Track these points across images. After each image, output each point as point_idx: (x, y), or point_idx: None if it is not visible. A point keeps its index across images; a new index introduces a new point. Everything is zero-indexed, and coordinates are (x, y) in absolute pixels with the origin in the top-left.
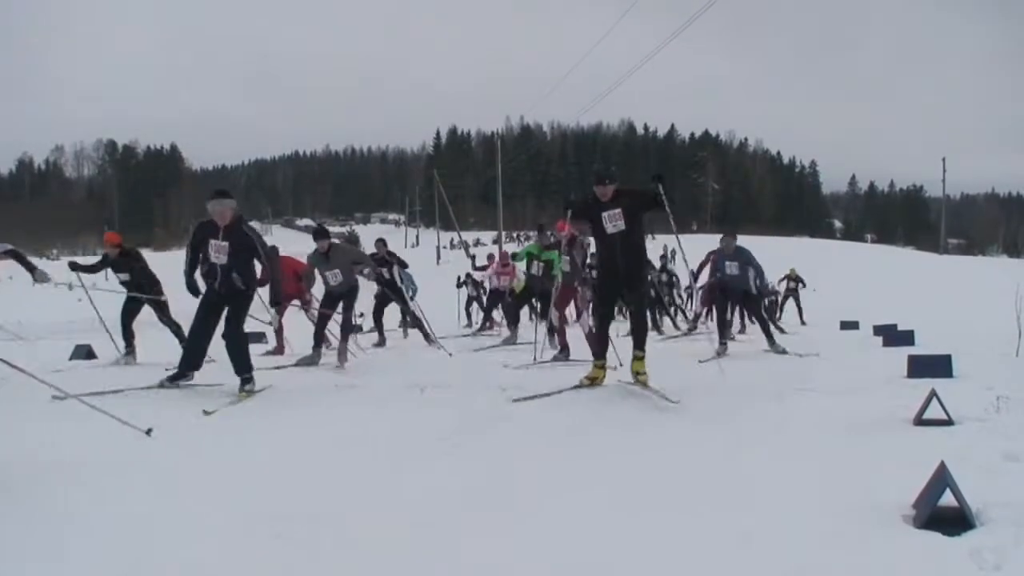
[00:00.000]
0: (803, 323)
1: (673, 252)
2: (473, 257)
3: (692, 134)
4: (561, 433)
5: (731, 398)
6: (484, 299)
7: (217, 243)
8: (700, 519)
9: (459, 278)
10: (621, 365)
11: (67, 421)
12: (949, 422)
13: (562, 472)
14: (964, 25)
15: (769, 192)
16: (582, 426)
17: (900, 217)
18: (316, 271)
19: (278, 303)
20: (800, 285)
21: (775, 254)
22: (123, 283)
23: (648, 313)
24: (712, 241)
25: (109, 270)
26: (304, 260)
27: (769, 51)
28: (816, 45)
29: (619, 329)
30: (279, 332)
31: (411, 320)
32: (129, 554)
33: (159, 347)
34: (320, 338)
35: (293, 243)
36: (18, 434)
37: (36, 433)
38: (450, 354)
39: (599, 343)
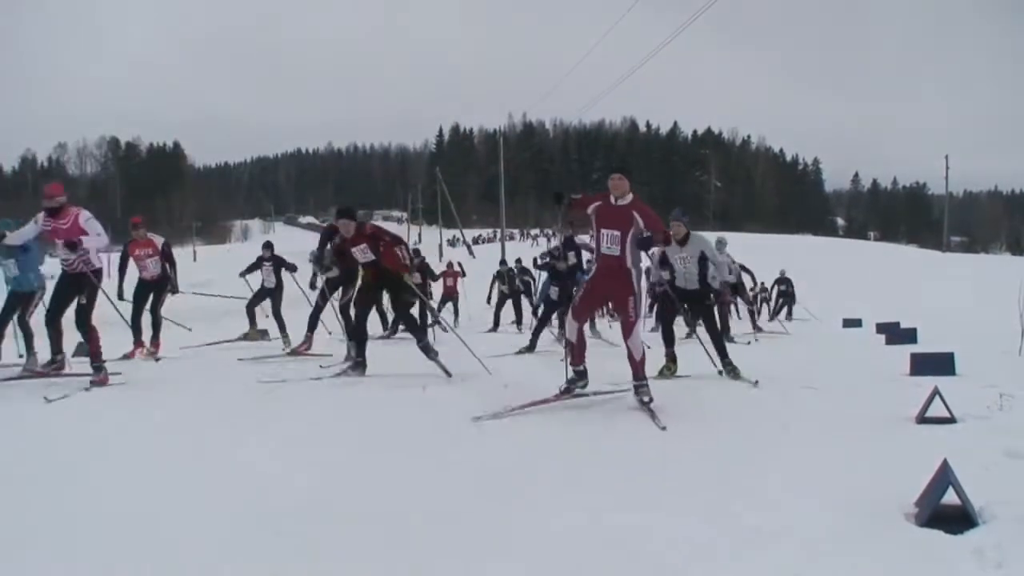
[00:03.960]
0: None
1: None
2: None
3: (695, 131)
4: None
5: (733, 396)
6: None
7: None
8: (701, 517)
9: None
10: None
11: None
12: (951, 420)
13: (567, 473)
14: (969, 22)
15: (772, 190)
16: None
17: (903, 215)
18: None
19: None
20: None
21: (777, 252)
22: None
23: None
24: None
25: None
26: None
27: (772, 48)
28: (819, 42)
29: None
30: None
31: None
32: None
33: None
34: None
35: (297, 241)
36: None
37: None
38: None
39: None
